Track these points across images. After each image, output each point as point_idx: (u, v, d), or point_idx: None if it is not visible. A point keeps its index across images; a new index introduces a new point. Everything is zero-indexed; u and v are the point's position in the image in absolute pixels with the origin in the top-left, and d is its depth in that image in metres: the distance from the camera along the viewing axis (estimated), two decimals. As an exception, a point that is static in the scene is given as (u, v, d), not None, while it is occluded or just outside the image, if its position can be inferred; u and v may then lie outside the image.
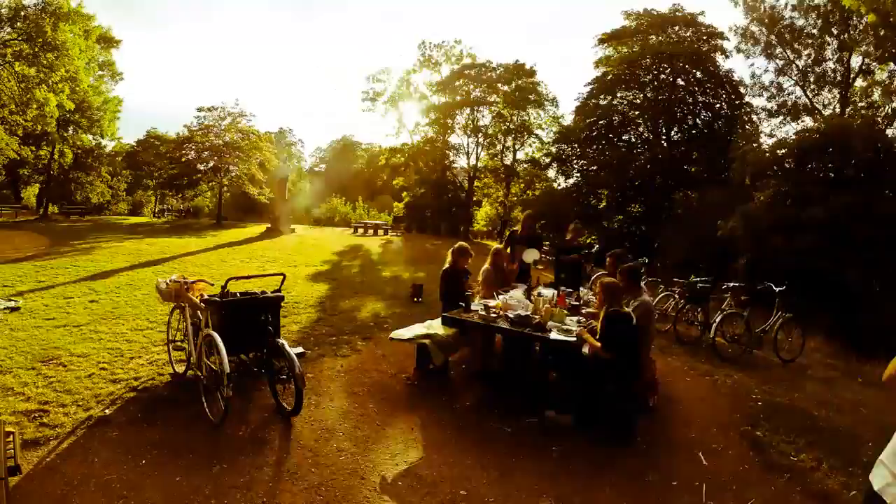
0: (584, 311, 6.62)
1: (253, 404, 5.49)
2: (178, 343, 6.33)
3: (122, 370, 6.37)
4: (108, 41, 34.64)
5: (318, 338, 8.00)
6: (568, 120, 34.01)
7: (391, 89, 39.32)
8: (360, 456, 4.55)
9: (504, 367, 6.61)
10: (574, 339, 5.39)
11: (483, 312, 6.19)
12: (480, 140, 37.49)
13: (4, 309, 8.84)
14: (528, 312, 6.01)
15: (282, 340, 5.23)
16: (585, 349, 5.27)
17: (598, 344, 5.10)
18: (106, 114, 35.77)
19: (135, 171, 42.38)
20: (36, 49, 23.40)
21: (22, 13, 23.83)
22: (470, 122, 37.20)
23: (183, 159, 34.99)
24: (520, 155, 38.11)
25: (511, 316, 5.97)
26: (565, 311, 6.27)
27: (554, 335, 5.51)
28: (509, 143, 37.60)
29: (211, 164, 34.93)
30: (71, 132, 33.78)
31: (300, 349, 6.13)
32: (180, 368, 6.18)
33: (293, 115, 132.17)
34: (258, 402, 5.53)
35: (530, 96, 35.75)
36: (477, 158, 37.84)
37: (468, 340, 6.49)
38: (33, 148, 29.00)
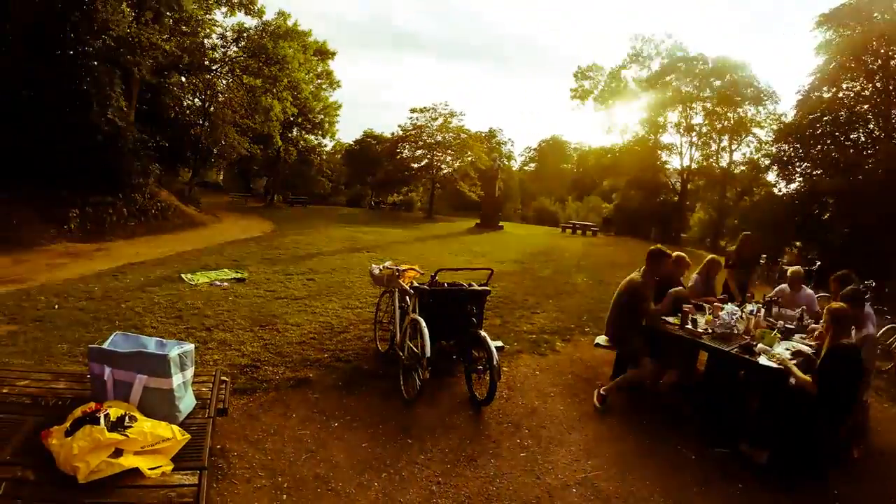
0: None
1: (446, 389, 5.61)
2: (385, 324, 6.70)
3: (330, 342, 6.88)
4: (324, 54, 38.90)
5: (519, 334, 7.95)
6: (790, 117, 30.00)
7: (600, 86, 38.10)
8: (540, 455, 4.47)
9: (703, 388, 5.81)
10: (783, 367, 4.63)
11: (689, 326, 5.46)
12: (693, 139, 34.84)
13: (231, 279, 10.15)
14: (739, 331, 5.40)
15: (483, 332, 5.29)
16: (793, 380, 4.47)
17: (808, 378, 4.39)
18: (326, 117, 40.13)
19: (353, 167, 46.27)
20: (260, 63, 27.44)
21: (245, 34, 28.29)
22: (682, 119, 34.77)
23: (397, 157, 37.95)
24: (737, 156, 34.71)
25: (718, 333, 5.37)
26: (778, 335, 5.37)
27: (762, 360, 4.79)
28: (725, 142, 34.47)
29: (424, 162, 37.29)
30: (295, 133, 38.61)
31: (500, 343, 6.14)
32: (383, 347, 6.52)
33: (504, 115, 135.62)
34: (452, 388, 5.67)
35: (746, 91, 32.41)
36: (690, 159, 35.25)
37: (666, 355, 5.75)
38: (261, 146, 33.05)
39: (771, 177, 31.84)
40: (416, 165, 38.66)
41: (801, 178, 27.81)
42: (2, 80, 14.15)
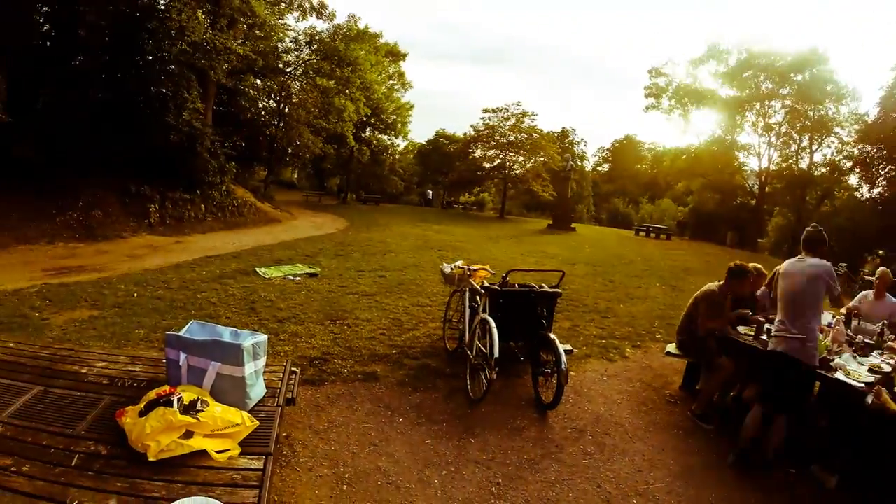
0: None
1: (512, 391, 5.59)
2: (454, 323, 6.72)
3: (399, 338, 6.96)
4: (395, 55, 39.76)
5: (588, 338, 7.81)
6: (873, 116, 27.96)
7: (675, 84, 36.83)
8: (602, 463, 4.39)
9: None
10: (861, 385, 4.22)
11: (764, 337, 5.15)
12: (772, 139, 33.08)
13: (304, 274, 10.45)
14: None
15: (552, 335, 5.26)
16: (869, 398, 4.05)
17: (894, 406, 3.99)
18: (398, 117, 40.81)
19: (425, 167, 46.81)
20: (332, 65, 28.22)
21: (317, 37, 29.21)
22: (760, 118, 33.12)
23: (469, 157, 38.05)
24: (817, 157, 32.63)
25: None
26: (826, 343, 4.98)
27: (838, 376, 4.41)
28: (805, 142, 32.55)
29: (496, 163, 37.38)
30: (368, 133, 39.35)
31: (568, 346, 6.12)
32: (451, 346, 6.54)
33: (577, 115, 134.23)
34: (517, 389, 5.64)
35: (826, 87, 30.51)
36: (769, 161, 33.46)
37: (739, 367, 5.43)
38: (335, 146, 33.90)
39: (853, 180, 30.45)
40: (488, 165, 38.83)
41: (884, 182, 26.34)
42: (88, 85, 15.20)
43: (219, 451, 2.45)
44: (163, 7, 16.71)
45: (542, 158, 36.08)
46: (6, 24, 13.63)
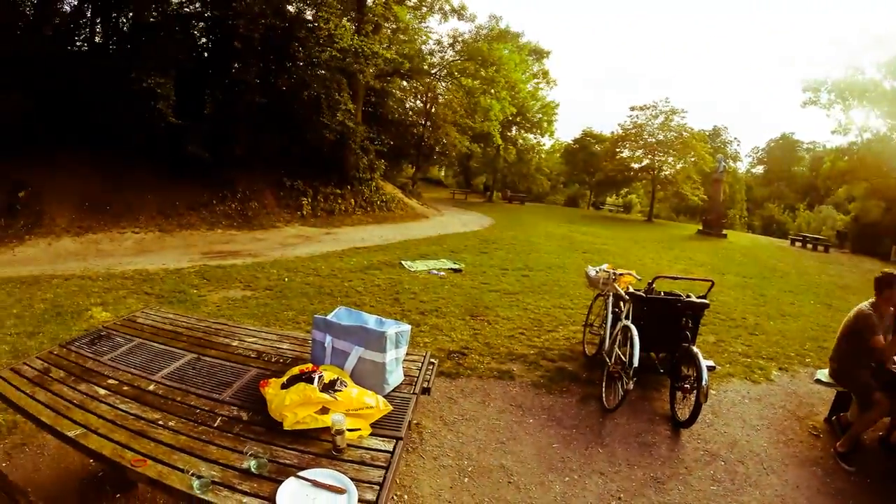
0: None
1: (647, 403, 5.36)
2: (595, 328, 6.60)
3: (538, 338, 6.91)
4: (538, 53, 39.32)
5: (732, 355, 7.26)
6: None
7: (836, 75, 32.96)
8: (731, 493, 4.06)
9: None
10: None
11: None
12: None
13: (448, 269, 10.69)
14: None
15: (696, 349, 4.98)
16: None
17: None
18: (544, 115, 40.42)
19: (572, 166, 46.18)
20: (476, 66, 28.82)
21: (459, 39, 30.11)
22: None
23: (617, 157, 36.86)
24: None
25: None
26: None
27: None
28: None
29: (644, 163, 36.04)
30: (514, 132, 39.43)
31: (711, 362, 5.74)
32: (590, 350, 6.42)
33: (729, 112, 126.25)
34: (653, 402, 5.42)
35: None
36: None
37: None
38: (481, 145, 34.35)
39: None
40: (636, 166, 37.43)
41: None
42: (245, 90, 16.59)
43: (350, 430, 2.52)
44: (310, 17, 18.21)
45: (692, 159, 34.25)
46: (172, 40, 15.36)
